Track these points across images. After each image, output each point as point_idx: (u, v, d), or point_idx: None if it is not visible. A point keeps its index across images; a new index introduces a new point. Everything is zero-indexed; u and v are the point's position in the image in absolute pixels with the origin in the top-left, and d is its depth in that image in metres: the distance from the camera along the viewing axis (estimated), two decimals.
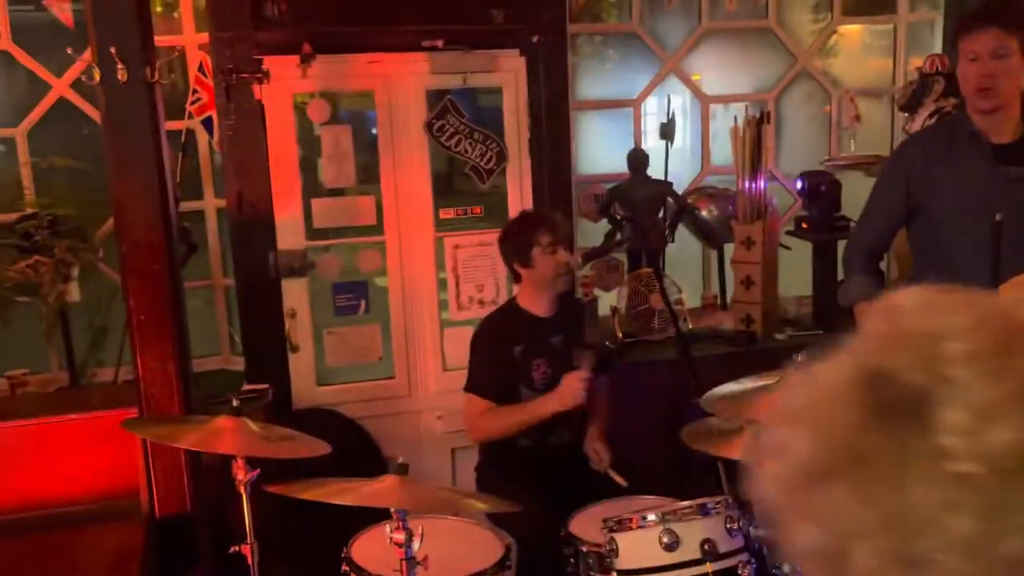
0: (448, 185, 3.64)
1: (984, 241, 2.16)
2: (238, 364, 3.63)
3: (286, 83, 3.21)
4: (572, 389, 2.66)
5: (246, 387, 3.27)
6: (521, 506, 2.47)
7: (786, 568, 2.19)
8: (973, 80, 2.31)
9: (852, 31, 4.44)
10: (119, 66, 2.18)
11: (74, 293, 3.13)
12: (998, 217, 2.03)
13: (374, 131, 3.36)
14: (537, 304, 2.85)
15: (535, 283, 2.83)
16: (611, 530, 2.19)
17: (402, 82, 3.32)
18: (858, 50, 4.54)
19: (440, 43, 3.22)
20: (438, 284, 3.49)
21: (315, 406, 3.38)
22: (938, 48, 4.06)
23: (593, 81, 4.13)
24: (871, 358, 0.63)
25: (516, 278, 2.90)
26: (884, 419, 0.60)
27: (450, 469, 3.55)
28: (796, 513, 0.63)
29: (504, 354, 2.79)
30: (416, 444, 3.49)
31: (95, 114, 3.36)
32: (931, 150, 2.49)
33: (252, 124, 3.19)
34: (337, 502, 1.88)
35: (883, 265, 2.94)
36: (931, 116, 3.66)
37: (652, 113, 4.04)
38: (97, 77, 2.20)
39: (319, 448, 2.23)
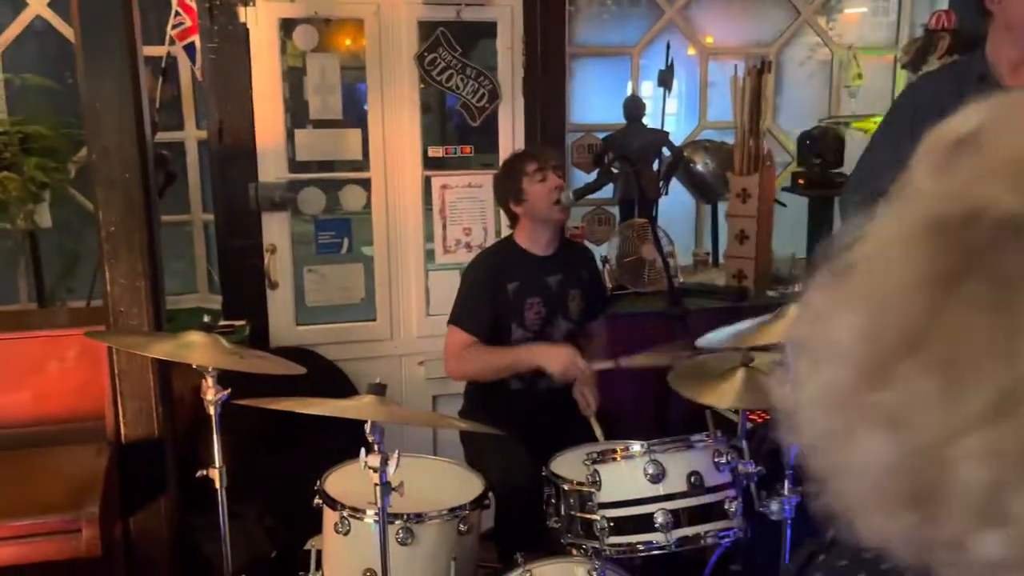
0: (438, 122, 3.53)
1: None
2: (216, 303, 3.52)
3: (272, 6, 3.08)
4: (568, 362, 2.56)
5: (223, 323, 3.17)
6: (505, 436, 2.39)
7: (774, 507, 2.12)
8: None
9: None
10: None
11: (45, 218, 3.02)
12: None
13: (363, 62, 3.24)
14: (535, 242, 2.76)
15: (532, 218, 2.74)
16: (594, 462, 2.11)
17: (393, 11, 3.21)
18: (861, 11, 4.44)
19: None
20: (424, 225, 3.39)
21: (293, 345, 3.28)
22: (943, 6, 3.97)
23: (591, 30, 4.02)
24: (946, 201, 0.48)
25: (513, 222, 2.81)
26: (976, 270, 0.45)
27: None
28: (860, 422, 0.47)
29: (497, 290, 2.70)
30: (396, 389, 3.39)
31: (72, 35, 3.24)
32: (940, 90, 2.38)
33: (236, 49, 3.08)
34: (310, 411, 1.78)
35: None
36: None
37: (650, 62, 3.93)
38: None
39: (293, 369, 2.13)
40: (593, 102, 4.03)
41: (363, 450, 1.95)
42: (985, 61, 2.29)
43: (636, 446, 2.07)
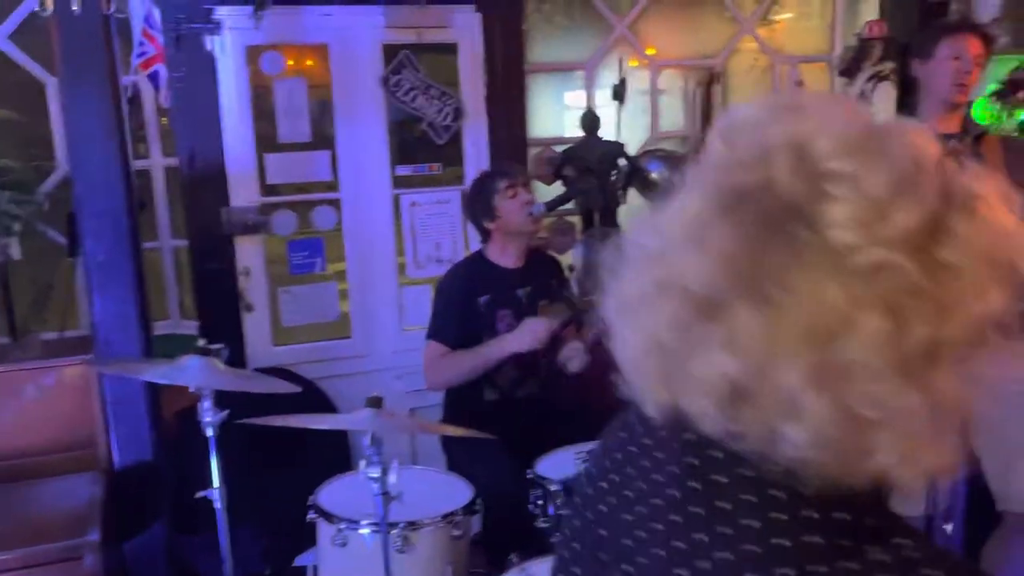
0: (404, 141, 3.61)
1: None
2: (188, 328, 3.54)
3: (238, 35, 3.14)
4: (532, 331, 2.65)
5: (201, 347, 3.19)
6: (489, 442, 2.47)
7: None
8: (956, 75, 2.54)
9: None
10: None
11: (16, 251, 3.01)
12: None
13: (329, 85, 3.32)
14: (505, 256, 2.86)
15: (504, 233, 2.83)
16: (585, 462, 2.19)
17: (357, 36, 3.29)
18: (796, 20, 4.66)
19: None
20: (395, 242, 3.46)
21: (271, 366, 3.32)
22: (873, 15, 4.20)
23: (544, 47, 4.15)
24: (732, 177, 0.61)
25: (484, 237, 2.90)
26: (769, 231, 0.58)
27: None
28: (702, 346, 0.61)
29: (469, 303, 2.79)
30: None
31: (34, 67, 3.24)
32: None
33: (203, 76, 3.12)
34: (313, 426, 1.85)
35: None
36: (869, 80, 3.80)
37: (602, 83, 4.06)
38: (50, 6, 2.12)
39: (288, 388, 2.19)
40: (543, 115, 4.16)
41: (363, 462, 2.01)
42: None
43: None
